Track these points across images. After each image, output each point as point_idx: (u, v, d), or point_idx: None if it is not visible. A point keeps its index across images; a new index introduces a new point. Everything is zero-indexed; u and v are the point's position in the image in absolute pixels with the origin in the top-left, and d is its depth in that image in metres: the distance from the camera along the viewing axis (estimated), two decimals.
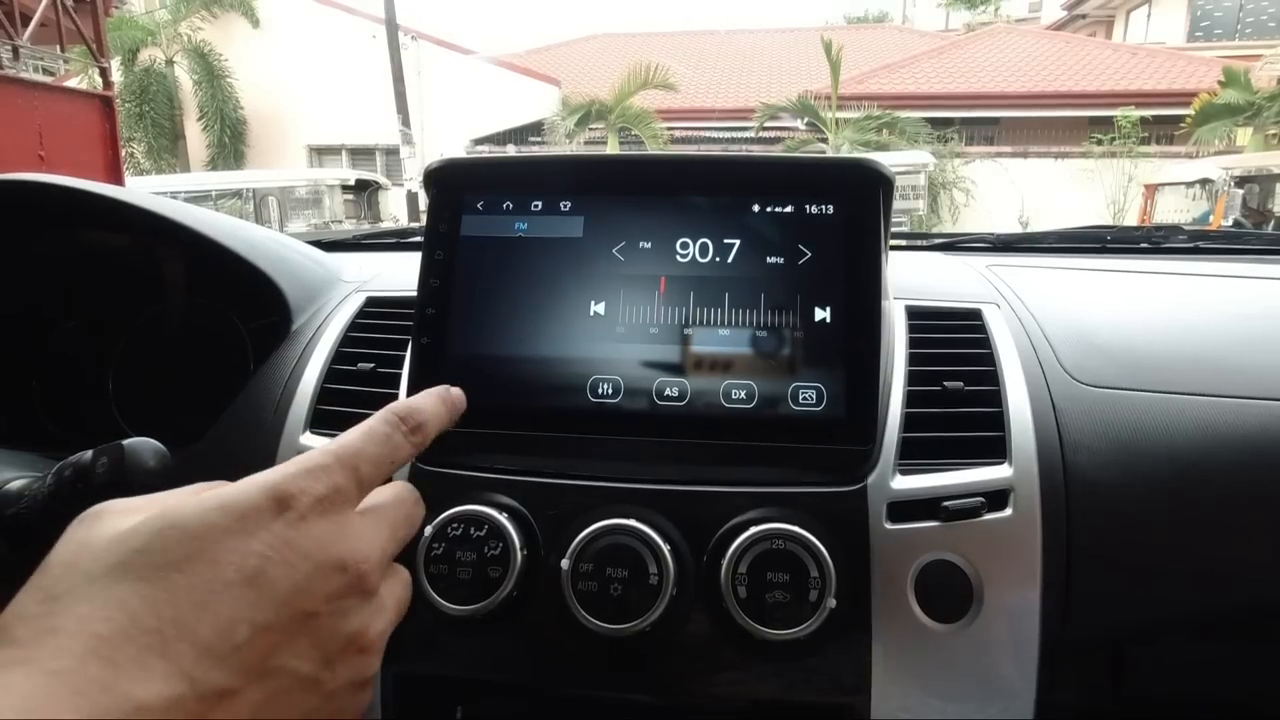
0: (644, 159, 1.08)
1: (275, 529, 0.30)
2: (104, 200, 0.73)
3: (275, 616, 0.28)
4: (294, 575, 0.29)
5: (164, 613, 0.26)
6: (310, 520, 0.31)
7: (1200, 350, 0.67)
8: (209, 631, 0.27)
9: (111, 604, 0.26)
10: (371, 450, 0.34)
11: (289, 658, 0.29)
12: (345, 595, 0.31)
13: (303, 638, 0.29)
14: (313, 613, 0.30)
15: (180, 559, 0.28)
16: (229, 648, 0.27)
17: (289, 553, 0.29)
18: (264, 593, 0.28)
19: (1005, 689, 0.53)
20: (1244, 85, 9.76)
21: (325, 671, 0.30)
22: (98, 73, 5.92)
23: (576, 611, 0.51)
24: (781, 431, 0.53)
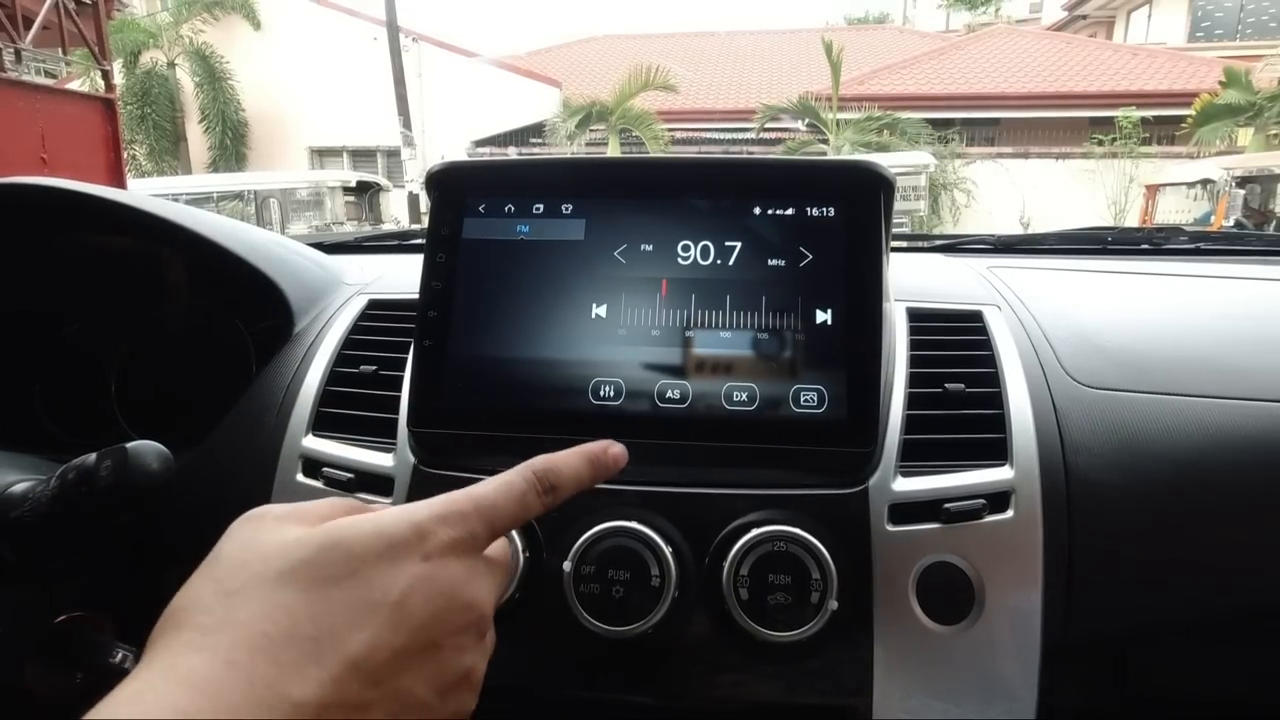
0: (645, 161, 1.08)
1: (417, 563, 0.32)
2: (106, 203, 0.74)
3: (410, 642, 0.31)
4: (430, 607, 0.32)
5: (322, 623, 0.29)
6: (448, 560, 0.33)
7: (1201, 351, 0.67)
8: (358, 647, 0.29)
9: (280, 608, 0.29)
10: (505, 505, 0.36)
11: (413, 682, 0.31)
12: (465, 632, 0.33)
13: (428, 666, 0.31)
14: (439, 644, 0.32)
15: (341, 576, 0.30)
16: (372, 665, 0.29)
17: (428, 586, 0.32)
18: (404, 619, 0.31)
19: (1007, 690, 0.53)
20: (1245, 86, 9.75)
21: (438, 700, 0.32)
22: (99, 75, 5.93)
23: (579, 614, 0.51)
24: (783, 434, 0.53)
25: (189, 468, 0.63)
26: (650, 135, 11.15)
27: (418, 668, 0.31)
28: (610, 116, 11.17)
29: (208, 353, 0.84)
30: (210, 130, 13.26)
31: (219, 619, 0.28)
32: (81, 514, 0.51)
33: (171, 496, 0.54)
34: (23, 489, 0.53)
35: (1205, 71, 11.51)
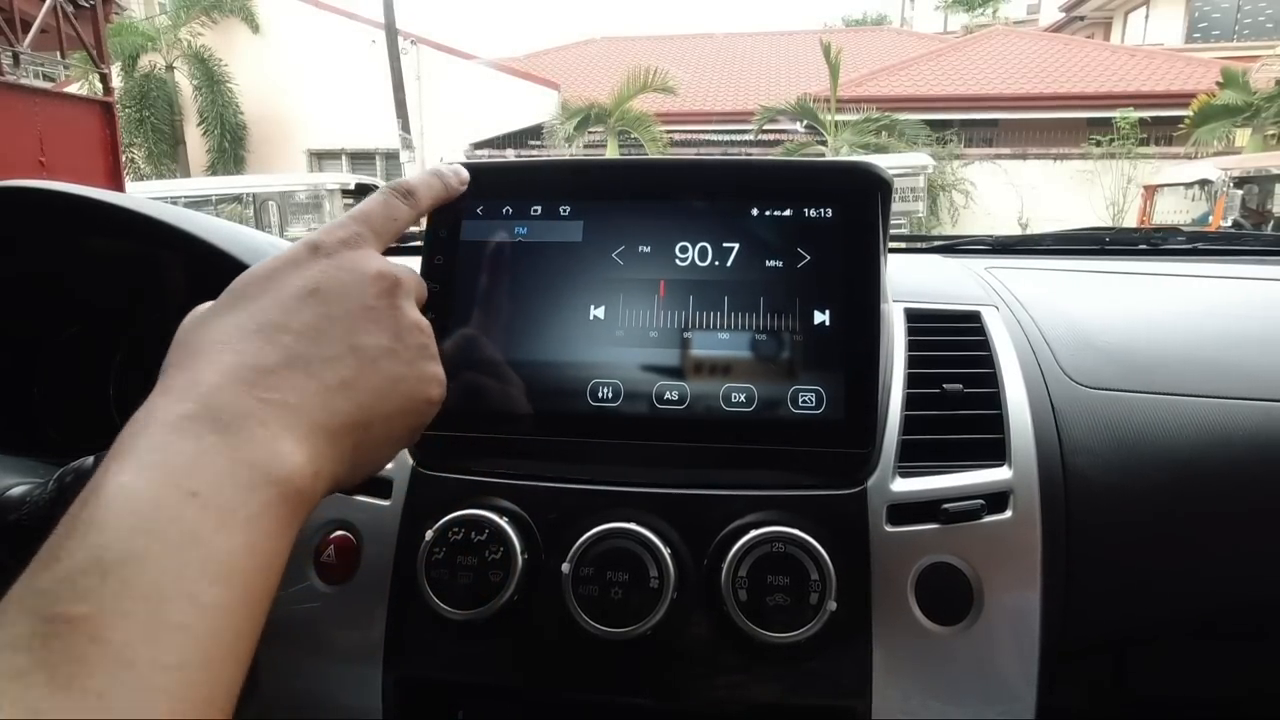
0: (643, 163, 1.09)
1: (319, 262, 0.38)
2: (104, 206, 0.74)
3: (341, 311, 0.37)
4: (344, 285, 0.38)
5: (260, 319, 0.35)
6: (342, 254, 0.39)
7: (1199, 351, 0.67)
8: (297, 325, 0.35)
9: (225, 327, 0.35)
10: (375, 209, 0.43)
11: (364, 336, 0.37)
12: (391, 294, 0.39)
13: (369, 323, 0.38)
14: (370, 306, 0.38)
15: (260, 294, 0.36)
16: (315, 332, 0.35)
17: (334, 273, 0.38)
18: (325, 300, 0.37)
19: (1006, 691, 0.53)
20: (1242, 86, 9.77)
21: (398, 343, 0.39)
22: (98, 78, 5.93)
23: (577, 615, 0.51)
24: (781, 434, 0.53)
25: None
26: (649, 137, 11.16)
27: (362, 326, 0.37)
28: (609, 119, 11.18)
29: None
30: (209, 133, 13.26)
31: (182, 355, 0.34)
32: None
33: None
34: (21, 492, 0.53)
35: (1203, 72, 11.53)
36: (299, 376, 0.34)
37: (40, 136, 4.67)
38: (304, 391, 0.34)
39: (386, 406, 0.37)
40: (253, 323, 0.35)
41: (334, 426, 0.34)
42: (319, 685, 0.57)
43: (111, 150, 5.36)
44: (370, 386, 0.37)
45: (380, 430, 0.37)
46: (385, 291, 0.39)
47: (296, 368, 0.34)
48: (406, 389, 0.39)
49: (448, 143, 12.40)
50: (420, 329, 0.41)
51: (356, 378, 0.36)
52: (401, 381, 0.38)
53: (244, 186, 9.69)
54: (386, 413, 0.37)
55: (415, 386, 0.39)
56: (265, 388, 0.33)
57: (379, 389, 0.37)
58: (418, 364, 0.40)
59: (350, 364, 0.36)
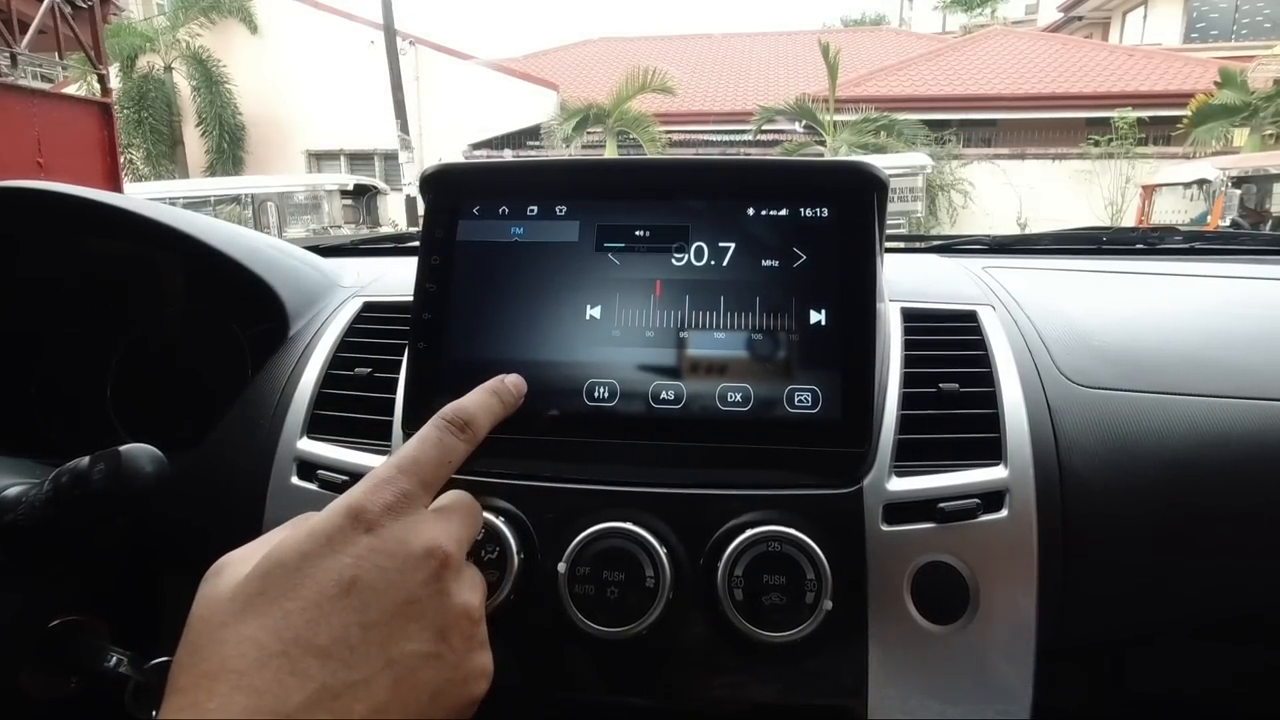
0: (638, 163, 1.09)
1: (359, 541, 0.34)
2: (102, 207, 0.74)
3: (380, 613, 0.32)
4: (386, 574, 0.33)
5: (285, 635, 0.31)
6: (387, 525, 0.35)
7: (1195, 350, 0.67)
8: (326, 640, 0.31)
9: (243, 643, 0.30)
10: (427, 454, 0.39)
11: (405, 642, 0.33)
12: (439, 578, 0.35)
13: (411, 623, 0.33)
14: (415, 599, 0.34)
15: (289, 589, 0.32)
16: (346, 649, 0.31)
17: (376, 557, 0.33)
18: (364, 596, 0.32)
19: (1002, 690, 0.53)
20: (1240, 86, 9.78)
21: (443, 645, 0.34)
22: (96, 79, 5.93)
23: (573, 615, 0.51)
24: (777, 434, 0.53)
25: (184, 471, 0.63)
26: (648, 138, 11.16)
27: (404, 630, 0.33)
28: (607, 119, 11.19)
29: (203, 356, 0.84)
30: (207, 134, 13.27)
31: (192, 675, 0.30)
32: (75, 518, 0.51)
33: (166, 500, 0.54)
34: (16, 493, 0.53)
35: (1201, 72, 11.54)
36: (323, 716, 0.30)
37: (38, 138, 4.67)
38: None
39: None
40: (277, 640, 0.31)
41: None
42: None
43: (109, 151, 5.36)
44: (404, 709, 0.32)
45: None
46: (433, 576, 0.35)
47: (320, 706, 0.30)
48: (449, 699, 0.34)
49: (446, 143, 12.40)
50: (469, 617, 0.36)
51: (389, 702, 0.32)
52: (442, 694, 0.34)
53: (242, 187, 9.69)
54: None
55: (459, 690, 0.35)
56: None
57: (415, 708, 0.33)
58: (463, 662, 0.35)
59: (383, 687, 0.32)
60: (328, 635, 0.31)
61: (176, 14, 13.20)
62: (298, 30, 13.26)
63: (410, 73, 12.36)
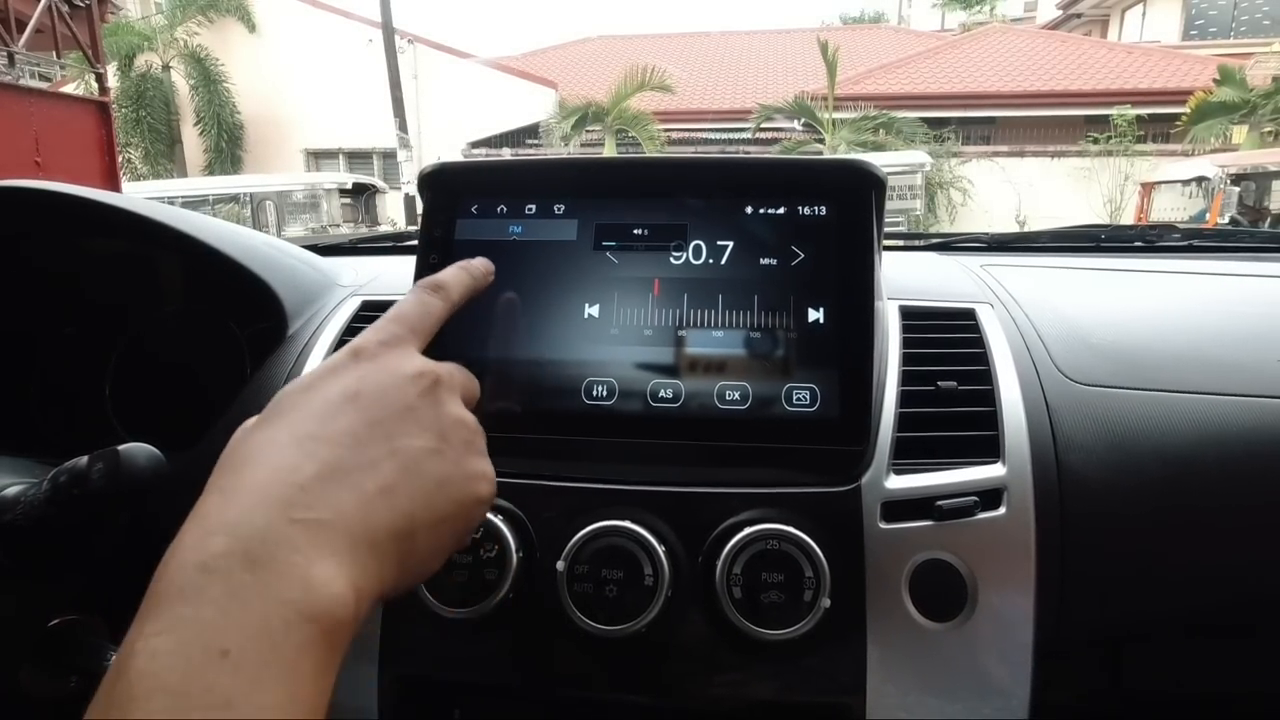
0: (636, 161, 1.09)
1: (359, 366, 0.38)
2: (100, 206, 0.74)
3: (381, 413, 0.36)
4: (383, 387, 0.38)
5: (297, 432, 0.35)
6: (382, 355, 0.39)
7: (1193, 348, 0.67)
8: (334, 432, 0.35)
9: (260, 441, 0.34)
10: (409, 307, 0.44)
11: (407, 438, 0.36)
12: (433, 392, 0.39)
13: (412, 425, 0.37)
14: (413, 407, 0.38)
15: (299, 405, 0.36)
16: (354, 440, 0.35)
17: (374, 375, 0.38)
18: (366, 402, 0.37)
19: (1000, 688, 0.53)
20: (1239, 83, 9.78)
21: (443, 444, 0.38)
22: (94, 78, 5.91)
23: (572, 613, 0.52)
24: (775, 432, 0.53)
25: (183, 470, 0.63)
26: (646, 136, 11.15)
27: (403, 427, 0.37)
28: (606, 117, 11.17)
29: (202, 355, 0.84)
30: (206, 133, 13.24)
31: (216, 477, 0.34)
32: (74, 517, 0.51)
33: (165, 499, 0.54)
34: (15, 492, 0.53)
35: (1200, 69, 11.53)
36: (336, 489, 0.33)
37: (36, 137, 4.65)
38: (341, 505, 0.32)
39: (432, 513, 0.36)
40: (289, 435, 0.34)
41: (376, 539, 0.33)
42: None
43: (107, 150, 5.35)
44: (413, 491, 0.35)
45: (426, 540, 0.36)
46: (427, 390, 0.39)
47: (333, 479, 0.33)
48: (453, 491, 0.37)
49: (445, 141, 12.38)
50: (465, 425, 0.40)
51: (398, 483, 0.35)
52: (447, 483, 0.37)
53: (241, 186, 9.66)
54: (432, 520, 0.36)
55: (462, 487, 0.38)
56: (301, 506, 0.31)
57: (423, 493, 0.36)
58: (464, 462, 0.38)
59: (391, 468, 0.35)
60: (335, 430, 0.35)
61: (174, 13, 13.15)
62: (296, 29, 13.23)
63: (409, 71, 12.34)
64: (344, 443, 0.34)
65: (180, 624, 0.27)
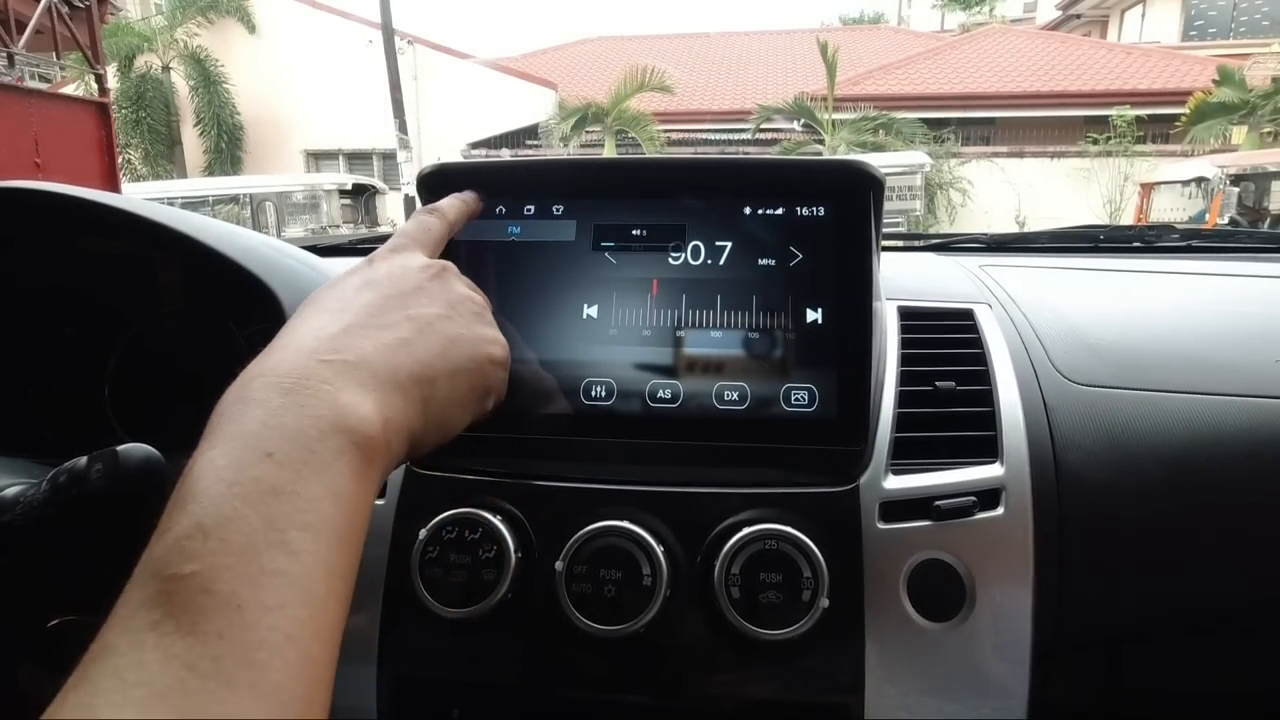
0: (635, 162, 1.09)
1: (372, 266, 0.44)
2: (99, 207, 0.74)
3: (395, 290, 0.42)
4: (394, 272, 0.43)
5: (324, 308, 0.40)
6: (390, 257, 0.45)
7: (1192, 348, 0.67)
8: (355, 309, 0.40)
9: (291, 328, 0.39)
10: (410, 225, 0.50)
11: (419, 307, 0.42)
12: (440, 277, 0.45)
13: (424, 298, 0.42)
14: (419, 286, 0.43)
15: (324, 299, 0.41)
16: (372, 312, 0.40)
17: (387, 268, 0.44)
18: (381, 286, 0.42)
19: (999, 687, 0.53)
20: (1238, 84, 9.78)
21: (452, 311, 0.43)
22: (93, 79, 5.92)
23: (571, 613, 0.52)
24: (774, 432, 0.53)
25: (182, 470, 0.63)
26: (646, 136, 11.15)
27: (415, 299, 0.42)
28: (606, 118, 11.18)
29: (201, 356, 0.84)
30: (205, 134, 13.24)
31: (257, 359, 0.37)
32: (73, 518, 0.51)
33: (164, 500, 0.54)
34: (14, 493, 0.53)
35: (1199, 70, 11.54)
36: (358, 339, 0.37)
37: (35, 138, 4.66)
38: (364, 350, 0.37)
39: (448, 363, 0.41)
40: (316, 310, 0.40)
41: (398, 379, 0.37)
42: None
43: (107, 151, 5.35)
44: (429, 345, 0.40)
45: (445, 387, 0.40)
46: (434, 275, 0.44)
47: (356, 333, 0.38)
48: (466, 348, 0.42)
49: (445, 142, 12.38)
50: (472, 300, 0.45)
51: (414, 338, 0.39)
52: (459, 341, 0.42)
53: (241, 187, 9.66)
54: (449, 369, 0.40)
55: (474, 345, 0.43)
56: (328, 351, 0.36)
57: (438, 347, 0.40)
58: (474, 326, 0.44)
59: (407, 328, 0.40)
60: (356, 304, 0.40)
61: (174, 13, 13.15)
62: (296, 30, 13.24)
63: (408, 72, 12.33)
64: (365, 310, 0.39)
65: (230, 439, 0.32)
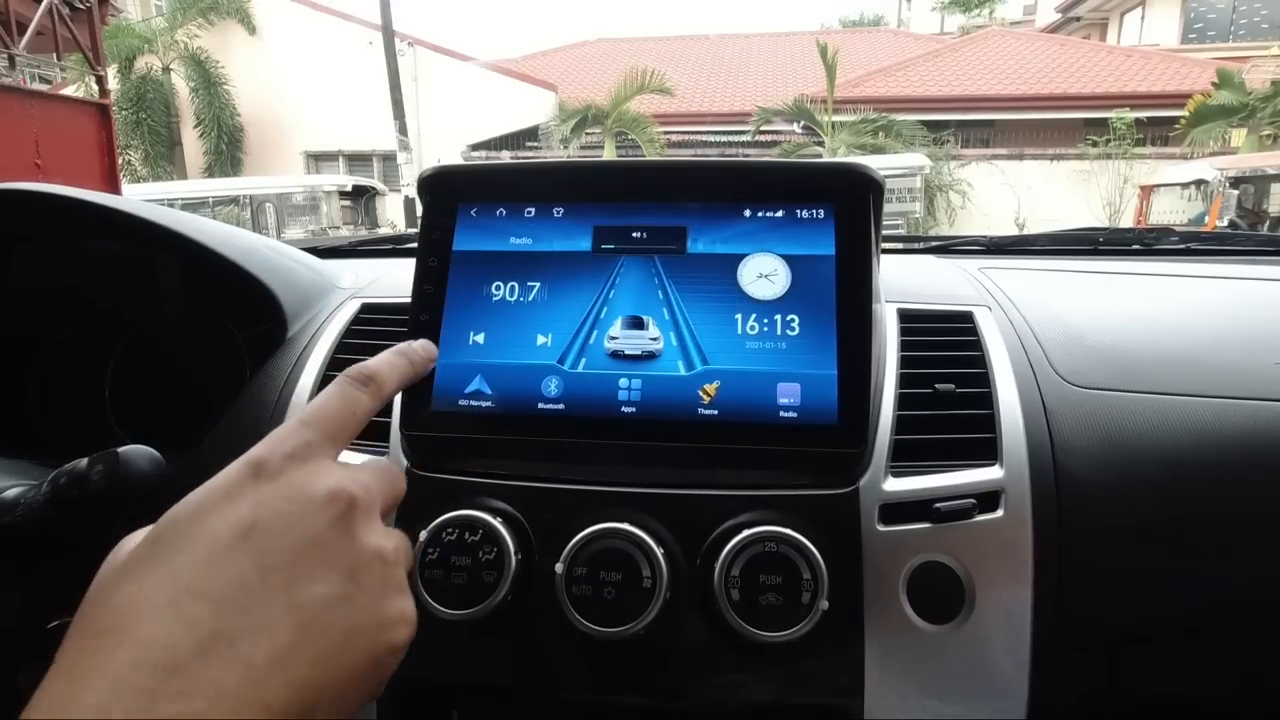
0: (635, 164, 1.09)
1: (260, 488, 0.32)
2: (99, 209, 0.74)
3: (280, 557, 0.31)
4: (286, 518, 0.32)
5: (173, 586, 0.29)
6: (287, 473, 0.33)
7: (1191, 351, 0.67)
8: (220, 586, 0.29)
9: (128, 599, 0.29)
10: (330, 406, 0.37)
11: (309, 585, 0.31)
12: (345, 520, 0.33)
13: (316, 567, 0.31)
14: (318, 542, 0.32)
15: (182, 544, 0.30)
16: (243, 594, 0.29)
17: (275, 502, 0.32)
18: (262, 540, 0.31)
19: (998, 689, 0.53)
20: (1238, 86, 9.80)
21: (352, 586, 0.32)
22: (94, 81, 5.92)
23: (571, 615, 0.52)
24: (774, 435, 0.54)
25: (182, 472, 0.63)
26: (646, 138, 11.16)
27: (308, 573, 0.31)
28: (606, 120, 11.19)
29: (201, 357, 0.84)
30: (206, 135, 13.25)
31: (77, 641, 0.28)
32: (74, 519, 0.51)
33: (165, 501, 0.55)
34: (15, 494, 0.53)
35: (1198, 73, 11.56)
36: (216, 666, 0.27)
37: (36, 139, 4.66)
38: (221, 688, 0.27)
39: (337, 675, 0.30)
40: (163, 592, 0.29)
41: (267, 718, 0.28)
42: None
43: (107, 153, 5.35)
44: (315, 655, 0.30)
45: (333, 702, 0.30)
46: (338, 518, 0.33)
47: (214, 653, 0.27)
48: (364, 643, 0.32)
49: (445, 144, 12.39)
50: (382, 559, 0.34)
51: (294, 646, 0.29)
52: (357, 634, 0.32)
53: (241, 188, 9.67)
54: (337, 684, 0.30)
55: (375, 636, 0.32)
56: (170, 695, 0.26)
57: (328, 654, 0.30)
58: (378, 606, 0.33)
59: (286, 630, 0.29)
60: (222, 581, 0.29)
61: (175, 15, 13.18)
62: (296, 31, 13.25)
63: (409, 74, 12.34)
64: (230, 600, 0.29)
65: None
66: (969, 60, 13.64)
